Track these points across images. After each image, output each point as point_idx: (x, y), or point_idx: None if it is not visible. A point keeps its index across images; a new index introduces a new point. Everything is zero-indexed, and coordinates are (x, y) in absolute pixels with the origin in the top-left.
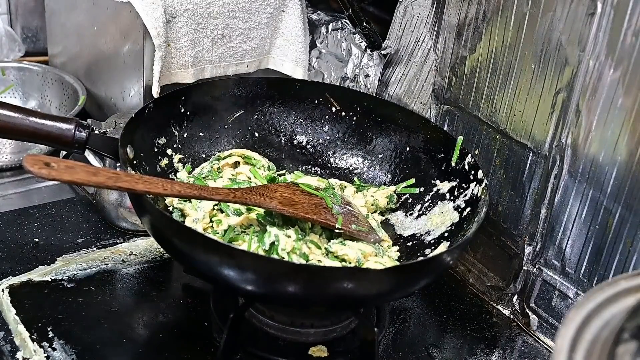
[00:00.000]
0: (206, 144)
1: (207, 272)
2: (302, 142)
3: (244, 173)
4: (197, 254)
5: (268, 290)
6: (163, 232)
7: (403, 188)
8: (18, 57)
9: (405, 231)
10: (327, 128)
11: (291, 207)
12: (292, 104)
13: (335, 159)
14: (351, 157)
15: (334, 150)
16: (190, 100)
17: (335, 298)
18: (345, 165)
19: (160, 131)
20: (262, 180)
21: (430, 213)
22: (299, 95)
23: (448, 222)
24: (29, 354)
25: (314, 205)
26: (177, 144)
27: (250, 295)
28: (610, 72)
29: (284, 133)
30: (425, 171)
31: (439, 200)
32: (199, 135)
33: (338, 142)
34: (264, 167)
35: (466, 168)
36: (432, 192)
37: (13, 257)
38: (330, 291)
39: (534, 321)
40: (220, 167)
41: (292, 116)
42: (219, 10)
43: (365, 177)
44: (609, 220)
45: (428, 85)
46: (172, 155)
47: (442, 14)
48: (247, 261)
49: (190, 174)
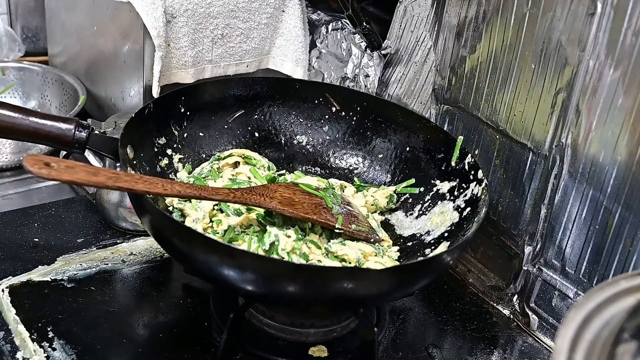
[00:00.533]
0: (206, 144)
1: (207, 272)
2: (302, 142)
3: (244, 173)
4: (197, 254)
5: (268, 290)
6: (163, 232)
7: (403, 188)
8: (18, 57)
9: (405, 231)
10: (327, 128)
11: (291, 207)
12: (292, 104)
13: (335, 159)
14: (351, 157)
15: (334, 150)
16: (190, 100)
17: (335, 298)
18: (345, 165)
19: (160, 131)
20: (262, 180)
21: (430, 213)
22: (299, 95)
23: (448, 222)
24: (29, 354)
25: (314, 205)
26: (177, 144)
27: (251, 295)
28: (610, 72)
29: (284, 133)
30: (425, 171)
31: (439, 200)
32: (199, 135)
33: (338, 142)
34: (264, 167)
35: (466, 168)
36: (432, 192)
37: (13, 257)
38: (330, 291)
39: (534, 321)
40: (220, 167)
41: (292, 116)
42: (219, 10)
43: (365, 177)
44: (609, 220)
45: (428, 85)
46: (172, 155)
47: (442, 14)
48: (247, 261)
49: (190, 174)
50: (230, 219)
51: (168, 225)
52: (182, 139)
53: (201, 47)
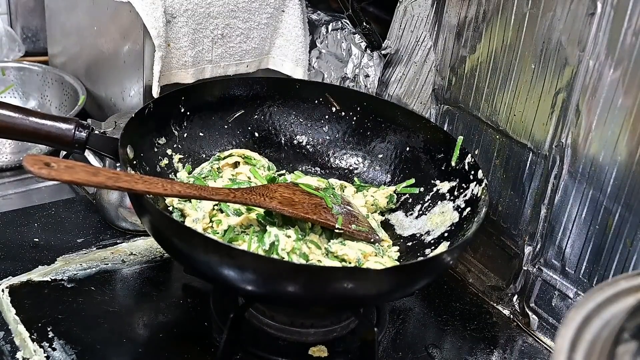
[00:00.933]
0: (206, 144)
1: (207, 272)
2: (302, 142)
3: (244, 173)
4: (197, 254)
5: (268, 290)
6: (163, 232)
7: (403, 188)
8: (18, 57)
9: (405, 231)
10: (327, 128)
11: (291, 207)
12: (292, 104)
13: (335, 159)
14: (351, 157)
15: (334, 150)
16: (190, 100)
17: (335, 298)
18: (345, 165)
19: (160, 131)
20: (262, 180)
21: (430, 213)
22: (299, 95)
23: (448, 222)
24: (29, 354)
25: (314, 205)
26: (177, 144)
27: (250, 295)
28: (610, 72)
29: (284, 133)
30: (425, 171)
31: (439, 200)
32: (199, 135)
33: (338, 142)
34: (264, 167)
35: (466, 168)
36: (432, 192)
37: (13, 257)
38: (330, 291)
39: (534, 321)
40: (220, 167)
41: (292, 116)
42: (219, 10)
43: (365, 177)
44: (609, 220)
45: (428, 85)
46: (172, 155)
47: (442, 14)
48: (247, 261)
49: (190, 174)
50: (230, 219)
51: (168, 225)
52: (182, 139)
53: (201, 47)
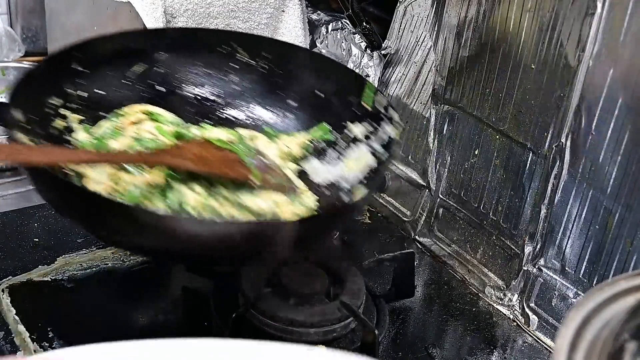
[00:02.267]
0: (106, 101)
1: (121, 240)
2: (209, 94)
3: (148, 130)
4: (108, 222)
5: (182, 249)
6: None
7: (318, 135)
8: (18, 57)
9: (320, 178)
10: (235, 78)
11: (205, 166)
12: (197, 55)
13: (245, 109)
14: (262, 106)
15: (244, 100)
16: (85, 56)
17: (251, 252)
18: (256, 115)
19: (54, 91)
20: (168, 137)
21: (346, 158)
22: (204, 44)
23: (364, 167)
24: (29, 354)
25: (228, 161)
26: (73, 103)
27: (172, 258)
28: (610, 72)
29: (189, 85)
30: (338, 115)
31: (354, 145)
32: (97, 93)
33: (247, 92)
34: (170, 123)
35: (380, 110)
36: (347, 137)
37: (13, 257)
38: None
39: (534, 321)
40: (121, 126)
41: (197, 67)
42: (219, 10)
43: (277, 126)
44: (609, 220)
45: (428, 85)
46: (68, 117)
47: (442, 14)
48: (152, 221)
49: (88, 134)
50: (135, 178)
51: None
52: (79, 98)
53: None
